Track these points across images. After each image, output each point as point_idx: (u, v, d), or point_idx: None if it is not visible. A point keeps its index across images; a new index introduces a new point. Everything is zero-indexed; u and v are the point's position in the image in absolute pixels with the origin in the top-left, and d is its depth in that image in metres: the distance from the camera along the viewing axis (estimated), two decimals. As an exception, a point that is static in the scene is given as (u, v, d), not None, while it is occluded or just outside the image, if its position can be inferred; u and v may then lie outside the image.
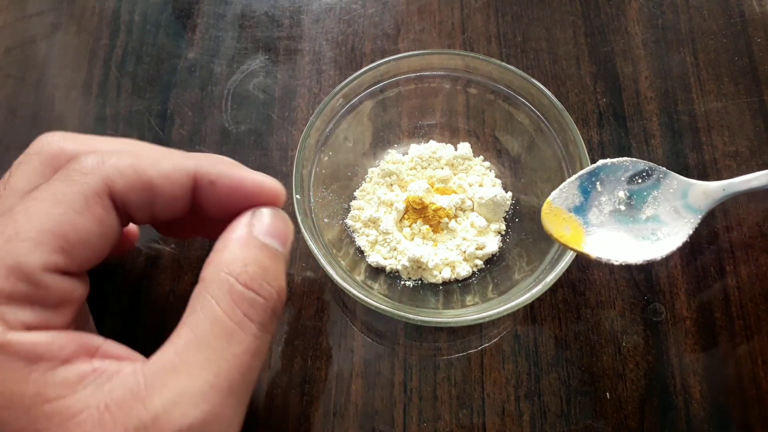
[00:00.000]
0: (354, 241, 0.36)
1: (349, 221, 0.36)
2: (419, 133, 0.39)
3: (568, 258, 0.30)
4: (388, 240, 0.35)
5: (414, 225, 0.36)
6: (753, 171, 0.32)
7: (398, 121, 0.39)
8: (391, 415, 0.32)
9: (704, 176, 0.38)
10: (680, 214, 0.30)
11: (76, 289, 0.22)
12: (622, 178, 0.31)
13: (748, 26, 0.42)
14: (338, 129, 0.36)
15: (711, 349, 0.34)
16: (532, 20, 0.43)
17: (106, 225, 0.23)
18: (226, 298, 0.21)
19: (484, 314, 0.29)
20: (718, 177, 0.38)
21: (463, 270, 0.34)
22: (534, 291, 0.30)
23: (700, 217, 0.31)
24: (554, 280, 0.30)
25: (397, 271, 0.35)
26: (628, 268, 0.36)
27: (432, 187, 0.36)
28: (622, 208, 0.31)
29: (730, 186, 0.31)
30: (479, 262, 0.35)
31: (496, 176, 0.38)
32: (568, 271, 0.31)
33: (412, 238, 0.36)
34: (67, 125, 0.40)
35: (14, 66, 0.42)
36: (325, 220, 0.35)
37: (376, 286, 0.34)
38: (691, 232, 0.30)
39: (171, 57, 0.42)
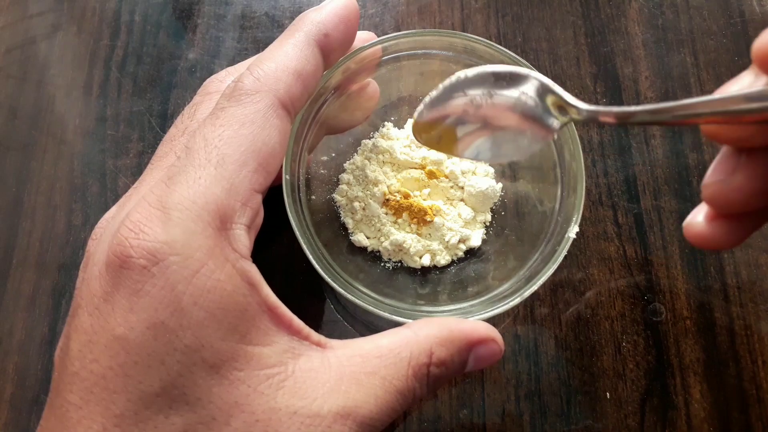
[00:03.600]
0: (339, 217, 0.35)
1: (336, 196, 0.35)
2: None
3: (550, 267, 0.29)
4: (372, 221, 0.35)
5: (398, 218, 0.35)
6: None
7: (398, 96, 0.38)
8: (392, 415, 0.32)
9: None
10: (542, 120, 0.28)
11: (261, 211, 0.25)
12: (486, 84, 0.28)
13: (748, 26, 0.42)
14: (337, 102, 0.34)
15: (711, 349, 0.34)
16: (532, 20, 0.43)
17: (284, 132, 0.25)
18: (419, 371, 0.24)
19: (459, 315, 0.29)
20: (718, 177, 0.38)
21: (443, 259, 0.34)
22: (512, 301, 0.29)
23: (558, 125, 0.28)
24: (534, 289, 0.29)
25: (378, 251, 0.35)
26: (628, 269, 0.36)
27: (425, 170, 0.36)
28: (490, 111, 0.28)
29: (595, 111, 0.26)
30: (460, 253, 0.35)
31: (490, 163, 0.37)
32: (568, 271, 0.31)
33: (395, 221, 0.35)
34: (67, 125, 0.40)
35: (15, 66, 0.42)
36: (312, 197, 0.34)
37: (352, 267, 0.33)
38: (555, 136, 0.28)
39: (172, 58, 0.42)
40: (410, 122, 0.37)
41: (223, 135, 0.23)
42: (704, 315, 0.35)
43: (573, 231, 0.29)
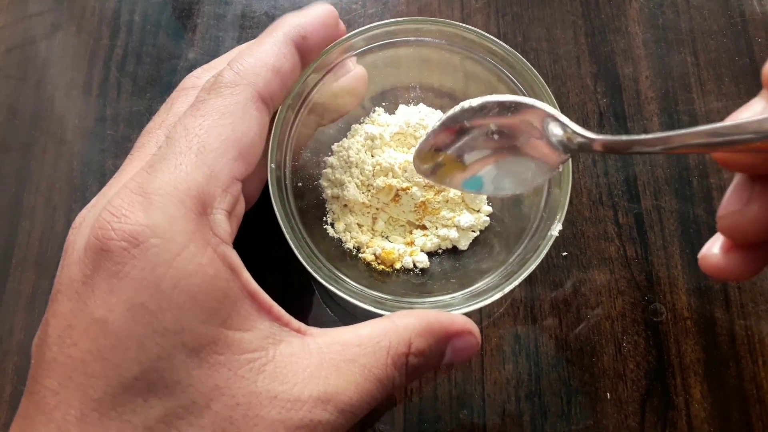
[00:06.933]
0: (325, 204, 0.34)
1: (322, 182, 0.34)
2: (410, 96, 0.37)
3: (531, 264, 0.29)
4: (354, 209, 0.34)
5: (398, 206, 0.34)
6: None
7: (391, 84, 0.37)
8: (392, 416, 0.32)
9: (705, 176, 0.38)
10: (547, 150, 0.27)
11: (242, 199, 0.25)
12: (491, 114, 0.27)
13: (748, 26, 0.42)
14: (327, 85, 0.33)
15: (711, 349, 0.34)
16: (533, 20, 0.43)
17: (263, 125, 0.26)
18: (397, 360, 0.24)
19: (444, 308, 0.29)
20: (719, 177, 0.38)
21: (421, 262, 0.34)
22: (492, 296, 0.29)
23: (564, 156, 0.27)
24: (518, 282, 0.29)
25: (359, 247, 0.34)
26: (628, 269, 0.36)
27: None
28: (495, 141, 0.28)
29: (606, 141, 0.24)
30: (440, 251, 0.35)
31: None
32: (569, 271, 0.30)
33: (382, 207, 0.34)
34: (67, 125, 0.40)
35: (14, 66, 0.42)
36: (299, 183, 0.33)
37: (337, 257, 0.32)
38: (559, 170, 0.27)
39: (171, 57, 0.42)
40: (401, 108, 0.37)
41: (204, 125, 0.24)
42: (705, 315, 0.35)
43: (556, 229, 0.29)
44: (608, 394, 0.33)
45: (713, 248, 0.23)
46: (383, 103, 0.37)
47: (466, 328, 0.26)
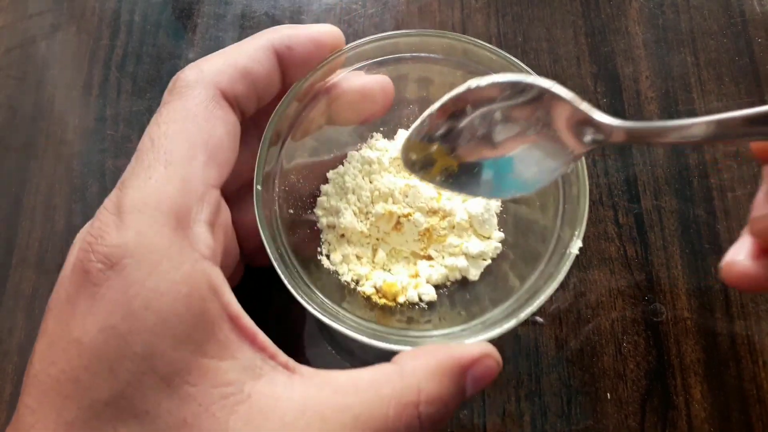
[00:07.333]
0: (320, 233, 0.32)
1: (317, 211, 0.32)
2: (409, 120, 0.35)
3: (549, 286, 0.26)
4: (352, 238, 0.31)
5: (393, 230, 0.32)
6: (754, 172, 0.32)
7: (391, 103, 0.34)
8: (392, 416, 0.32)
9: (705, 176, 0.38)
10: (563, 145, 0.24)
11: (225, 208, 0.24)
12: (499, 99, 0.24)
13: (748, 26, 0.42)
14: (317, 110, 0.30)
15: (711, 349, 0.34)
16: (533, 20, 0.43)
17: (230, 124, 0.24)
18: (403, 411, 0.21)
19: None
20: (719, 177, 0.38)
21: (428, 291, 0.31)
22: (507, 323, 0.26)
23: (583, 149, 0.24)
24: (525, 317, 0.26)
25: (357, 280, 0.31)
26: (629, 269, 0.36)
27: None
28: (497, 133, 0.24)
29: (634, 130, 0.22)
30: (448, 284, 0.32)
31: None
32: (569, 272, 0.30)
33: (383, 237, 0.32)
34: (67, 125, 0.40)
35: (14, 66, 0.42)
36: (290, 211, 0.30)
37: (334, 295, 0.29)
38: (567, 169, 0.25)
39: (171, 57, 0.42)
40: (400, 132, 0.33)
41: (168, 132, 0.23)
42: (705, 315, 0.35)
43: (576, 246, 0.26)
44: (608, 394, 0.33)
45: (739, 254, 0.21)
46: (381, 129, 0.34)
47: (483, 353, 0.23)
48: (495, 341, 0.34)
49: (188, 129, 0.23)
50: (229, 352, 0.21)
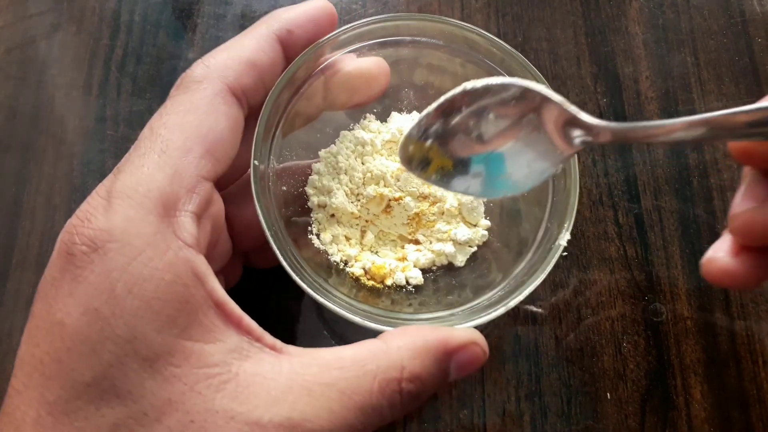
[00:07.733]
0: (310, 212, 0.32)
1: (308, 189, 0.32)
2: (403, 103, 0.35)
3: (538, 277, 0.27)
4: (342, 218, 0.32)
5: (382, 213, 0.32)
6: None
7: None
8: (392, 416, 0.32)
9: (705, 176, 0.38)
10: (552, 146, 0.25)
11: (217, 201, 0.24)
12: (492, 101, 0.25)
13: (748, 26, 0.42)
14: (312, 90, 0.31)
15: (711, 349, 0.34)
16: (533, 20, 0.43)
17: (234, 119, 0.25)
18: (386, 386, 0.22)
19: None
20: (719, 177, 0.38)
21: (416, 275, 0.31)
22: (496, 311, 0.26)
23: (571, 150, 0.25)
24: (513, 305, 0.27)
25: (346, 261, 0.32)
26: (628, 269, 0.36)
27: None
28: (490, 133, 0.25)
29: (618, 130, 0.23)
30: (439, 263, 0.32)
31: None
32: (569, 271, 0.30)
33: (371, 219, 0.32)
34: (67, 125, 0.40)
35: (14, 66, 0.42)
36: (283, 188, 0.31)
37: (325, 268, 0.31)
38: (557, 170, 0.26)
39: (171, 57, 0.42)
40: (394, 115, 0.34)
41: (168, 122, 0.23)
42: (705, 315, 0.35)
43: (564, 238, 0.27)
44: (608, 394, 0.33)
45: (719, 251, 0.21)
46: (374, 110, 0.35)
47: (469, 340, 0.23)
48: (495, 341, 0.34)
49: (189, 121, 0.23)
50: (214, 336, 0.21)
